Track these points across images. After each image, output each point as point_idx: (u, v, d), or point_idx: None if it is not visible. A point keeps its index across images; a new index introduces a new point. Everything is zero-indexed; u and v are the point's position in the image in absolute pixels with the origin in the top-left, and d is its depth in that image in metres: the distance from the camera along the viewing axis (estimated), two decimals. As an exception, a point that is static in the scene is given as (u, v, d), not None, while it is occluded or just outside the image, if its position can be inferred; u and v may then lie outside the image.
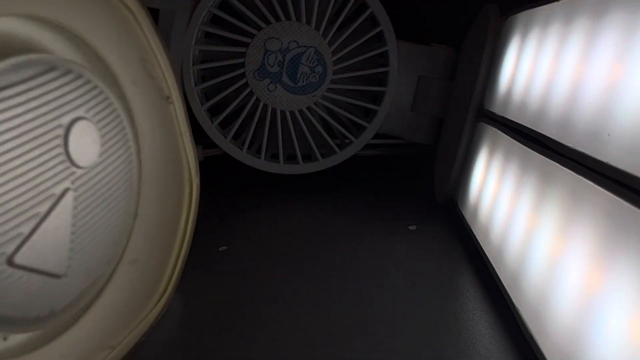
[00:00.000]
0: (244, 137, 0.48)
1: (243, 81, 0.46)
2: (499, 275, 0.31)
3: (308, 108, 0.47)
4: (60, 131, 0.18)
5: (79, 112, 0.19)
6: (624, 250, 0.19)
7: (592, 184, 0.21)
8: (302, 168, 0.49)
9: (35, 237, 0.16)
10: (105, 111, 0.20)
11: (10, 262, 0.16)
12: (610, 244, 0.20)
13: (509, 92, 0.35)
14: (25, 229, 0.16)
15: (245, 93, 0.46)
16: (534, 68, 0.31)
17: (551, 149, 0.27)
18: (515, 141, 0.32)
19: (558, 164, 0.25)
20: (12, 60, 0.16)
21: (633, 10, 0.21)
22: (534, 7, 0.33)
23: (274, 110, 0.47)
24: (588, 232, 0.21)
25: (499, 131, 0.35)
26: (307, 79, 0.47)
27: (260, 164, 0.48)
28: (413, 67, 0.49)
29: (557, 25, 0.28)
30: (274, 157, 0.49)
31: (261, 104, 0.47)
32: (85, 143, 0.19)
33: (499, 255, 0.31)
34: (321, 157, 0.49)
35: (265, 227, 0.42)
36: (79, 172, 0.19)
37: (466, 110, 0.41)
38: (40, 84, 0.17)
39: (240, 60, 0.46)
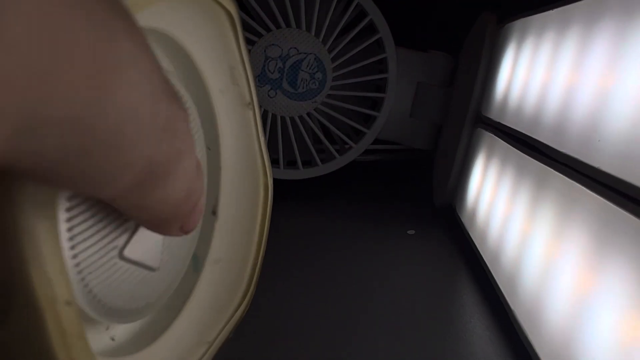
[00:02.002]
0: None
1: (244, 87, 0.47)
2: (496, 279, 0.31)
3: (308, 114, 0.48)
4: None
5: None
6: (615, 253, 0.19)
7: (584, 188, 0.22)
8: (302, 173, 0.49)
9: (139, 231, 0.17)
10: None
11: (121, 255, 0.17)
12: (602, 247, 0.20)
13: (505, 99, 0.35)
14: (131, 224, 0.17)
15: (246, 99, 0.47)
16: (529, 75, 0.32)
17: (546, 154, 0.27)
18: (511, 147, 0.32)
19: (552, 170, 0.26)
20: None
21: (623, 20, 0.21)
22: (530, 15, 0.34)
23: (274, 116, 0.48)
24: (581, 236, 0.22)
25: (495, 137, 0.36)
26: (307, 85, 0.47)
27: (261, 169, 0.48)
28: (412, 73, 0.49)
29: (552, 33, 0.29)
30: (274, 162, 0.49)
31: (261, 110, 0.47)
32: None
33: (495, 259, 0.32)
34: (321, 162, 0.49)
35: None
36: None
37: (464, 116, 0.41)
38: None
39: (241, 67, 0.46)
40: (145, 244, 0.18)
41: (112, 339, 0.19)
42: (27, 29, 0.08)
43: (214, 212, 0.25)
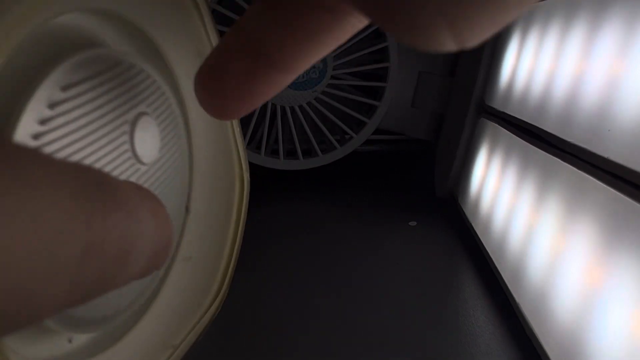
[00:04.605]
0: (243, 133, 0.48)
1: (243, 77, 0.46)
2: (500, 271, 0.31)
3: (308, 104, 0.47)
4: (127, 127, 0.18)
5: (142, 108, 0.18)
6: (624, 245, 0.19)
7: (592, 178, 0.21)
8: (302, 164, 0.48)
9: None
10: (162, 106, 0.20)
11: None
12: (610, 239, 0.20)
13: (509, 88, 0.35)
14: None
15: (245, 89, 0.46)
16: (534, 63, 0.31)
17: (552, 144, 0.27)
18: (516, 136, 0.32)
19: (559, 159, 0.25)
20: (82, 56, 0.16)
21: (634, 6, 0.21)
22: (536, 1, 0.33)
23: (274, 106, 0.47)
24: (589, 227, 0.21)
25: (499, 127, 0.35)
26: (307, 75, 0.47)
27: (260, 159, 0.48)
28: (413, 62, 0.49)
29: (559, 20, 0.28)
30: (274, 153, 0.49)
31: (261, 100, 0.47)
32: (148, 139, 0.19)
33: (499, 251, 0.31)
34: (321, 152, 0.48)
35: (265, 223, 0.42)
36: (143, 168, 0.19)
37: (467, 105, 0.41)
38: (108, 79, 0.17)
39: (240, 56, 0.45)
40: None
41: (69, 341, 0.18)
42: None
43: (187, 208, 0.24)
